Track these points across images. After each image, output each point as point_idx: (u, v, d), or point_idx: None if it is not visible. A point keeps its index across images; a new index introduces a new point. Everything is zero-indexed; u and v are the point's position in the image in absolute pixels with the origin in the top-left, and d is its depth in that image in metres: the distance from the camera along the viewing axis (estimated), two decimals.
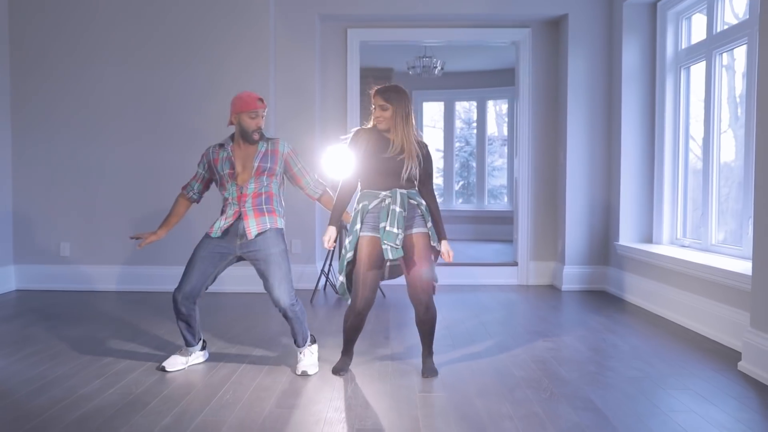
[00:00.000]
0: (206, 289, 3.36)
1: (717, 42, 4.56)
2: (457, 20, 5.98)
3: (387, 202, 3.18)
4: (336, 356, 3.49)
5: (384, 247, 3.13)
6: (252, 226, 3.28)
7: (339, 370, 3.31)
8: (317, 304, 5.24)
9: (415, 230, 3.24)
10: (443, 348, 3.73)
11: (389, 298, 5.37)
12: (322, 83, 6.00)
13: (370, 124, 3.29)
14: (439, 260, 3.33)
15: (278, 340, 3.95)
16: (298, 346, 3.40)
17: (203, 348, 3.54)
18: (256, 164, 3.31)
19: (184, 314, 3.31)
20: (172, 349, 3.69)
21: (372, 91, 3.26)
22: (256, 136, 3.30)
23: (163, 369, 3.33)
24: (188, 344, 3.42)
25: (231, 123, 3.33)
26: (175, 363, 3.38)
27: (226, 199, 3.37)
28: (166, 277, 5.61)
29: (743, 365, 3.34)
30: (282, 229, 3.38)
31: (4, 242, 5.63)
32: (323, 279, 5.65)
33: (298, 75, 5.77)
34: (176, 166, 5.64)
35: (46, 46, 5.68)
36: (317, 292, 5.62)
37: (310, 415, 2.75)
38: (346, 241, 3.24)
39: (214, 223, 3.35)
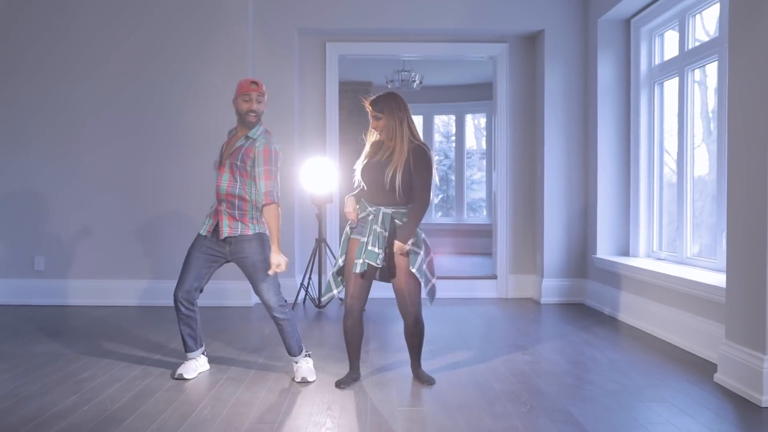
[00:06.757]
0: (201, 290, 3.42)
1: (689, 58, 4.65)
2: (435, 35, 6.03)
3: (370, 218, 3.22)
4: (315, 367, 3.48)
5: (357, 261, 3.18)
6: (225, 227, 3.31)
7: (341, 383, 3.31)
8: (296, 318, 5.19)
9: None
10: (423, 362, 3.72)
11: (368, 312, 5.34)
12: (300, 96, 6.00)
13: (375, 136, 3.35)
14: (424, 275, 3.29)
15: (258, 354, 3.91)
16: (293, 355, 3.43)
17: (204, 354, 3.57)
18: (228, 161, 3.33)
19: (185, 314, 3.39)
20: (148, 365, 3.64)
21: (366, 103, 3.30)
22: (251, 118, 3.35)
23: (181, 377, 3.38)
24: (188, 349, 3.46)
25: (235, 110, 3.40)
26: (188, 368, 3.43)
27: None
28: (139, 291, 5.55)
29: (719, 377, 3.39)
30: (262, 234, 3.36)
31: None
32: (302, 293, 5.62)
33: (276, 88, 5.73)
34: (154, 178, 5.60)
35: (19, 59, 5.60)
36: (296, 306, 5.59)
37: (289, 430, 2.73)
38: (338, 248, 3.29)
39: (205, 218, 3.41)
